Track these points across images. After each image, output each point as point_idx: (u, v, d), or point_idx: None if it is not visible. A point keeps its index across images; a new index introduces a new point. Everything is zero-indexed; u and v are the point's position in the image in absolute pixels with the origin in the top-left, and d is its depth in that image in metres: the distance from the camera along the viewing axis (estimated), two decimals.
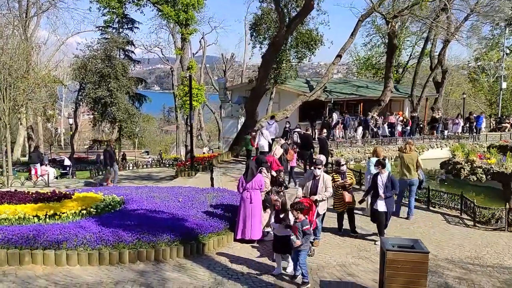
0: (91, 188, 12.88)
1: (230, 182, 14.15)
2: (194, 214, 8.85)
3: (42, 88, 29.25)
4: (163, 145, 63.34)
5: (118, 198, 10.39)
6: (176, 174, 19.06)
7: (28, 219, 7.90)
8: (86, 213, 8.74)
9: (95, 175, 20.19)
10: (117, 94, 25.19)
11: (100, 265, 6.42)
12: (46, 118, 34.00)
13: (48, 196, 9.83)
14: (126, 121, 26.23)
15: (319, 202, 7.64)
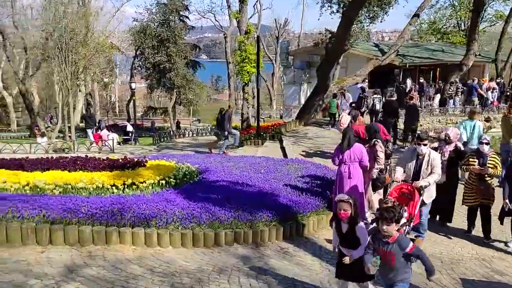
0: (161, 155, 12.13)
1: (303, 152, 12.99)
2: (283, 188, 7.75)
3: (100, 54, 29.10)
4: (212, 113, 62.89)
5: (193, 168, 9.51)
6: (240, 142, 18.13)
7: (106, 189, 7.12)
8: (165, 183, 7.90)
9: (157, 141, 19.61)
10: (175, 59, 24.38)
11: (195, 247, 5.46)
12: (104, 84, 34.06)
13: (121, 163, 9.07)
14: (184, 87, 25.45)
15: (424, 189, 5.84)
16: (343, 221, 4.08)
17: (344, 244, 4.16)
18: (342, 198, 4.06)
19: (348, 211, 3.99)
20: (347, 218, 4.01)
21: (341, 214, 4.02)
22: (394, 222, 3.68)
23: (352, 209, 4.00)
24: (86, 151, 15.01)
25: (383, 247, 3.75)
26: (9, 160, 8.75)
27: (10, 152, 14.14)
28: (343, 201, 4.02)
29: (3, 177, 6.75)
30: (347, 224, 4.06)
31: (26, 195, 5.81)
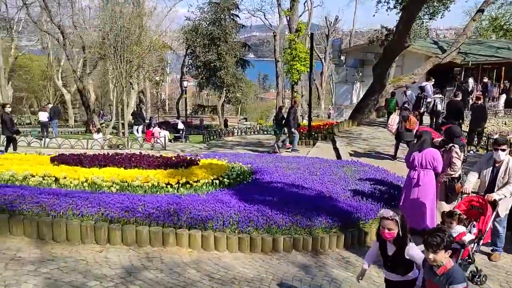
0: (212, 154, 12.06)
1: (358, 154, 12.45)
2: (341, 192, 7.35)
3: (153, 53, 29.76)
4: (258, 112, 62.98)
5: (245, 167, 9.31)
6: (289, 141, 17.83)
7: (161, 188, 7.05)
8: (218, 183, 7.74)
9: (207, 139, 19.71)
10: (226, 58, 24.42)
11: (252, 252, 5.21)
12: (156, 83, 34.84)
13: (175, 162, 9.01)
14: (234, 85, 25.45)
15: (498, 202, 5.14)
16: (388, 242, 3.39)
17: (390, 267, 3.46)
18: (386, 214, 3.31)
19: (393, 230, 3.27)
20: (393, 239, 3.31)
21: (385, 234, 3.30)
22: (443, 249, 2.92)
23: (399, 228, 3.27)
24: (139, 147, 15.30)
25: (431, 277, 3.06)
26: (68, 155, 8.94)
27: (69, 147, 14.66)
28: (387, 219, 3.28)
29: (63, 173, 6.84)
30: (393, 245, 3.36)
31: (85, 191, 5.81)
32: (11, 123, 12.52)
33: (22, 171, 6.78)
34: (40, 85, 42.10)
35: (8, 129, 12.36)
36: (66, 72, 43.07)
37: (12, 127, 12.58)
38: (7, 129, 12.37)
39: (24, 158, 8.76)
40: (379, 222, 3.41)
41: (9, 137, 12.56)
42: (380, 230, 3.36)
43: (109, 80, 46.88)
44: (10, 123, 12.46)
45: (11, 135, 12.50)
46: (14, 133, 12.62)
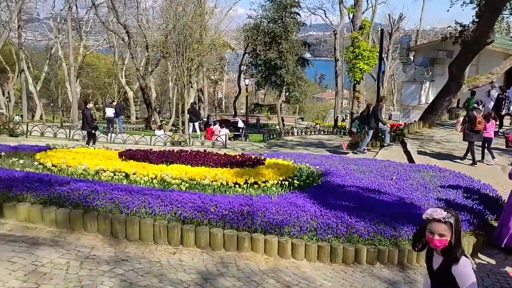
0: (275, 154, 11.69)
1: (432, 158, 11.55)
2: (423, 200, 6.69)
3: (213, 52, 30.00)
4: (314, 112, 62.03)
5: (313, 168, 8.84)
6: (353, 142, 17.09)
7: (229, 187, 6.76)
8: (288, 184, 7.34)
9: (267, 138, 19.42)
10: (286, 56, 24.01)
11: (332, 262, 4.75)
12: (215, 81, 35.15)
13: (240, 160, 8.72)
14: (293, 84, 24.99)
15: None
16: (436, 251, 2.62)
17: (434, 285, 2.71)
18: (437, 215, 2.48)
19: (445, 237, 2.47)
20: (443, 247, 2.51)
21: (434, 242, 2.49)
22: None
23: (453, 234, 2.49)
24: (200, 145, 15.28)
25: None
26: (135, 151, 8.93)
27: (133, 143, 14.92)
28: (438, 221, 2.48)
29: (132, 169, 6.74)
30: (441, 256, 2.58)
31: (155, 189, 5.63)
32: (91, 119, 13.07)
33: (93, 165, 6.76)
34: (105, 82, 44.00)
35: (88, 125, 12.87)
36: (129, 70, 44.73)
37: (92, 122, 13.11)
38: (87, 125, 12.87)
39: (94, 152, 8.85)
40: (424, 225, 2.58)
41: (89, 132, 13.08)
42: (427, 236, 2.53)
43: (168, 78, 48.23)
44: (91, 119, 13.00)
45: (91, 130, 13.01)
46: (93, 128, 13.14)
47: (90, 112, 13.11)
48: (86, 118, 12.86)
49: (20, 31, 31.90)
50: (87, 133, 13.23)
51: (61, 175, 6.08)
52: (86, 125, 12.96)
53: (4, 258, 3.69)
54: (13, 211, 4.50)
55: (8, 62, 39.19)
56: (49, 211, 4.47)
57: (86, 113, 12.93)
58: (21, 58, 32.18)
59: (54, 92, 45.20)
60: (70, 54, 27.49)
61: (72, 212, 4.50)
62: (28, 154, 8.93)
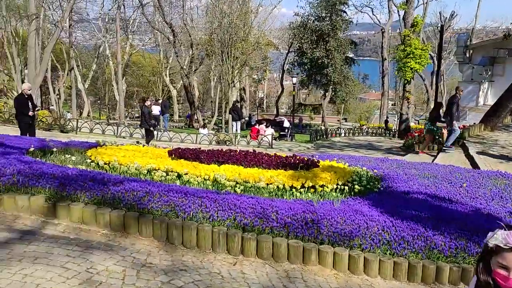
0: (326, 155, 11.14)
1: (500, 164, 10.63)
2: (502, 211, 5.96)
3: (257, 51, 29.71)
4: (357, 113, 60.53)
5: (371, 172, 8.25)
6: (405, 145, 16.23)
7: (286, 191, 6.32)
8: (348, 189, 6.80)
9: (314, 139, 18.86)
10: (334, 54, 23.27)
11: (410, 282, 4.20)
12: (257, 80, 34.87)
13: (293, 162, 8.26)
14: (340, 84, 24.20)
15: None
16: None
17: None
18: None
19: None
20: None
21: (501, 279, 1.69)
22: None
23: None
24: (246, 144, 14.95)
25: None
26: (184, 150, 8.67)
27: (179, 141, 14.81)
28: None
29: (184, 168, 6.44)
30: None
31: (210, 191, 5.26)
32: (149, 116, 13.14)
33: (145, 164, 6.52)
34: (150, 81, 44.77)
35: (146, 122, 12.95)
36: (173, 69, 45.33)
37: (150, 120, 13.19)
38: (145, 122, 12.95)
39: (143, 150, 8.67)
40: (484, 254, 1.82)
41: (147, 130, 13.17)
42: (495, 272, 1.71)
43: (210, 77, 48.49)
44: (148, 117, 13.07)
45: (149, 127, 13.08)
46: (151, 126, 13.22)
47: (148, 110, 13.16)
48: (144, 115, 12.96)
49: (71, 30, 32.94)
50: (145, 130, 13.34)
51: (113, 173, 5.85)
52: (144, 123, 13.04)
53: (58, 263, 3.42)
54: (67, 212, 4.26)
55: (59, 61, 40.67)
56: (103, 212, 4.20)
57: (144, 111, 13.05)
58: (71, 57, 33.22)
59: (101, 89, 46.52)
60: (118, 52, 28.06)
61: (127, 215, 4.21)
62: (78, 150, 8.88)
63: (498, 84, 20.03)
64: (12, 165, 4.99)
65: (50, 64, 35.99)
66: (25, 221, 4.15)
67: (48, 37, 26.65)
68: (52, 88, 38.43)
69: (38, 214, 4.27)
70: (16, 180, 4.51)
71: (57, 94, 37.60)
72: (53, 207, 4.29)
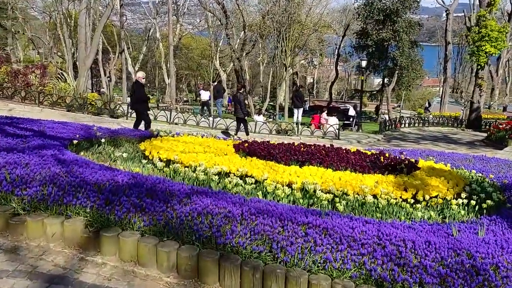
0: (405, 150, 9.38)
1: None
2: None
3: (313, 34, 27.80)
4: (412, 100, 56.99)
5: (487, 179, 6.52)
6: (491, 138, 14.07)
7: (398, 207, 4.74)
8: (475, 205, 5.11)
9: (383, 129, 16.94)
10: (402, 36, 20.95)
11: None
12: (313, 64, 32.98)
13: (390, 163, 6.63)
14: (407, 68, 21.88)
15: None
16: None
17: None
18: None
19: None
20: None
21: None
22: None
23: None
24: (310, 135, 13.40)
25: None
26: (252, 143, 7.27)
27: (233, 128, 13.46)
28: None
29: (261, 171, 5.00)
30: None
31: (309, 211, 3.75)
32: (244, 104, 12.28)
33: (212, 164, 5.15)
34: (199, 64, 43.90)
35: (241, 110, 12.02)
36: (223, 52, 44.14)
37: (245, 108, 12.30)
38: (240, 110, 12.02)
39: (204, 142, 7.35)
40: None
41: (241, 119, 12.21)
42: None
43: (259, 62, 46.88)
44: (244, 105, 12.21)
45: (243, 116, 12.11)
46: (246, 115, 12.31)
47: (243, 97, 12.19)
48: (240, 103, 11.95)
49: (122, 11, 32.41)
50: (237, 119, 12.32)
51: (176, 180, 4.49)
52: (239, 111, 12.02)
53: None
54: (115, 245, 2.94)
55: (110, 43, 40.54)
56: (168, 250, 2.84)
57: (240, 98, 12.05)
58: (122, 38, 32.75)
59: (151, 72, 46.24)
60: (169, 32, 27.03)
61: (203, 255, 2.82)
62: (129, 140, 7.72)
63: None
64: (46, 167, 3.74)
65: (101, 47, 35.79)
66: (56, 258, 2.88)
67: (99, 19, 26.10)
68: (103, 70, 38.36)
69: (75, 247, 2.99)
70: (46, 193, 3.24)
71: (108, 77, 37.49)
72: (96, 236, 2.99)
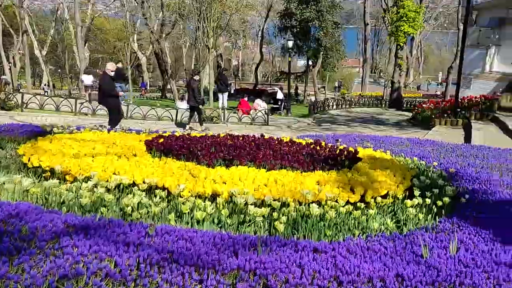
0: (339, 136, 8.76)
1: None
2: None
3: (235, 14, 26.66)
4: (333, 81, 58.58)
5: (432, 167, 5.98)
6: (416, 118, 14.11)
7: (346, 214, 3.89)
8: (428, 202, 4.41)
9: (313, 112, 16.40)
10: (326, 16, 20.56)
11: None
12: (238, 46, 31.90)
13: (331, 156, 5.81)
14: (332, 49, 21.64)
15: None
16: None
17: None
18: None
19: None
20: None
21: None
22: None
23: None
24: (238, 121, 12.41)
25: None
26: (169, 138, 6.08)
27: (156, 119, 12.07)
28: None
29: (177, 180, 3.86)
30: None
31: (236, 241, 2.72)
32: (198, 92, 10.74)
33: (109, 173, 3.92)
34: (116, 47, 40.91)
35: (195, 98, 10.50)
36: (141, 34, 41.47)
37: (199, 96, 10.80)
38: (193, 98, 10.49)
39: (109, 140, 6.00)
40: None
41: (194, 108, 10.71)
42: None
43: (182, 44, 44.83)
44: (198, 92, 10.66)
45: (197, 105, 10.62)
46: (200, 103, 10.83)
47: (197, 84, 10.77)
48: (193, 90, 10.50)
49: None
50: (190, 108, 10.90)
51: (54, 204, 3.18)
52: (192, 99, 10.58)
53: None
54: None
55: (13, 26, 36.24)
56: None
57: (193, 85, 10.58)
58: (22, 17, 29.07)
59: (61, 57, 42.27)
60: (76, 12, 24.34)
61: None
62: (15, 140, 6.19)
63: (506, 49, 18.03)
64: None
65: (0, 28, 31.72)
66: None
67: None
68: (4, 55, 34.11)
69: None
70: None
71: (10, 62, 33.40)
72: None
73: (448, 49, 64.00)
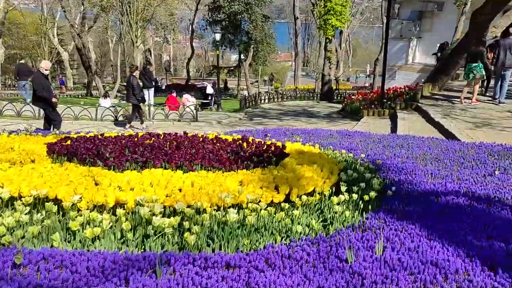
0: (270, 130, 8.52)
1: (475, 131, 9.00)
2: None
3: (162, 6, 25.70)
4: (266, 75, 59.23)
5: (359, 160, 5.87)
6: (345, 110, 14.34)
7: (269, 217, 3.56)
8: (355, 197, 4.23)
9: (244, 106, 16.07)
10: (254, 9, 20.33)
11: None
12: (166, 41, 30.83)
13: (256, 152, 5.49)
14: (262, 42, 21.48)
15: None
16: None
17: None
18: None
19: None
20: None
21: None
22: None
23: None
24: (164, 118, 11.77)
25: None
26: (77, 139, 5.42)
27: (72, 119, 11.08)
28: None
29: (74, 189, 3.32)
30: None
31: (131, 263, 2.28)
32: (138, 88, 9.73)
33: None
34: (34, 42, 37.98)
35: (135, 96, 9.97)
36: (62, 29, 38.91)
37: (140, 93, 10.08)
38: (133, 96, 9.54)
39: (8, 143, 5.23)
40: None
41: (135, 106, 9.68)
42: None
43: (109, 39, 42.66)
44: (138, 89, 9.80)
45: (137, 103, 9.69)
46: (140, 101, 9.85)
47: (137, 80, 9.86)
48: (133, 88, 9.55)
49: None
50: (133, 106, 9.93)
51: None
52: (132, 97, 9.62)
53: None
54: None
55: None
56: None
57: (133, 82, 9.63)
58: None
59: None
60: None
61: None
62: None
63: (425, 41, 18.97)
64: None
65: None
66: None
67: None
68: None
69: None
70: None
71: None
72: None
73: (374, 43, 66.86)
